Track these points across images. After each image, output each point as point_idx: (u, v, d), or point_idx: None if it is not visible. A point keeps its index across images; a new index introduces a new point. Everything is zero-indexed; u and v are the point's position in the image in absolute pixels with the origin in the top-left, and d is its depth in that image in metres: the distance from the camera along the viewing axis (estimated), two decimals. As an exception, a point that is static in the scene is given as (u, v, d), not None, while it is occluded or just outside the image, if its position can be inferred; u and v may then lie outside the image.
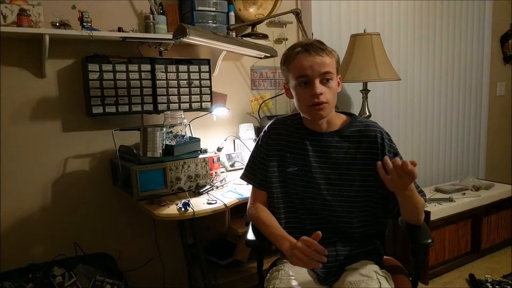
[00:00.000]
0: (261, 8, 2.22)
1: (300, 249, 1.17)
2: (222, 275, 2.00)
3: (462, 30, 3.26)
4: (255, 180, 1.46)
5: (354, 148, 1.33)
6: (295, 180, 1.36)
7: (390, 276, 1.30)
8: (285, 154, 1.39)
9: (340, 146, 1.34)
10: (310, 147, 1.36)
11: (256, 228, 1.43)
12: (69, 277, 1.78)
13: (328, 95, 1.27)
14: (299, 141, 1.38)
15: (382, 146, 1.30)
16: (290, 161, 1.38)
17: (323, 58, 1.26)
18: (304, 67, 1.27)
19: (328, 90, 1.28)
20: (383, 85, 2.84)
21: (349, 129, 1.35)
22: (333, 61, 1.29)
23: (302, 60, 1.27)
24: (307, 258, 1.16)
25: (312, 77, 1.26)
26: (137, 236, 2.16)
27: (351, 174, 1.32)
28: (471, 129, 3.46)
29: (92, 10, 1.85)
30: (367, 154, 1.31)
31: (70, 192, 1.97)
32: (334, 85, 1.29)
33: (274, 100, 2.53)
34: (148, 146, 1.78)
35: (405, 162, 1.11)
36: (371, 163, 1.27)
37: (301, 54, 1.28)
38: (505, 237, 2.90)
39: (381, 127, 1.36)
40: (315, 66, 1.25)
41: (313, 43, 1.29)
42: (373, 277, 1.22)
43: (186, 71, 2.05)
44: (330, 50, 1.29)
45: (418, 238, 1.30)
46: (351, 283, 1.21)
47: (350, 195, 1.32)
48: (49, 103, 1.89)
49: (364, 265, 1.28)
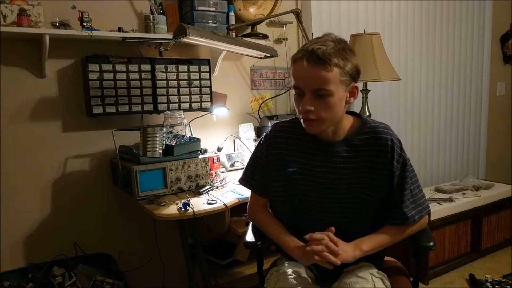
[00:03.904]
0: (261, 8, 2.22)
1: (317, 241, 1.15)
2: (222, 275, 2.01)
3: (462, 30, 3.26)
4: (254, 185, 1.40)
5: (364, 157, 1.23)
6: (300, 189, 1.30)
7: (386, 277, 1.29)
8: (287, 164, 1.31)
9: (349, 156, 1.24)
10: (316, 157, 1.26)
11: (255, 230, 1.42)
12: (69, 277, 1.79)
13: (323, 113, 1.14)
14: (303, 150, 1.29)
15: (391, 155, 1.22)
16: (293, 170, 1.30)
17: (318, 72, 1.10)
18: (297, 78, 1.15)
19: (324, 106, 1.13)
20: (383, 85, 2.84)
21: (358, 136, 1.24)
22: (336, 74, 1.11)
23: (297, 70, 1.14)
24: (325, 250, 1.13)
25: (304, 90, 1.14)
26: (137, 236, 2.16)
27: (358, 182, 1.25)
28: (471, 129, 3.46)
29: (92, 10, 1.85)
30: (376, 164, 1.23)
31: (70, 192, 1.97)
32: (333, 101, 1.13)
33: (274, 100, 2.53)
34: (148, 146, 1.78)
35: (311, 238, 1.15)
36: (380, 172, 1.23)
37: (298, 61, 1.14)
38: (505, 237, 2.90)
39: (393, 133, 1.25)
40: (307, 80, 1.12)
41: (314, 51, 1.10)
42: (368, 279, 1.21)
43: (186, 71, 2.05)
44: (333, 60, 1.09)
45: (420, 241, 1.29)
46: (346, 283, 1.21)
47: (357, 202, 1.26)
48: (49, 103, 1.89)
49: (361, 267, 1.27)
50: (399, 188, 1.24)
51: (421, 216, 1.27)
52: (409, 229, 1.27)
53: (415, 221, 1.25)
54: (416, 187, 1.28)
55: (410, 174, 1.26)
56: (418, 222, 1.28)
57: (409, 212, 1.24)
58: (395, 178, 1.23)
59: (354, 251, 1.19)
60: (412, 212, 1.25)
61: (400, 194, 1.24)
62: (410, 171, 1.26)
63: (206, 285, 1.82)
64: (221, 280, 1.97)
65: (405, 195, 1.24)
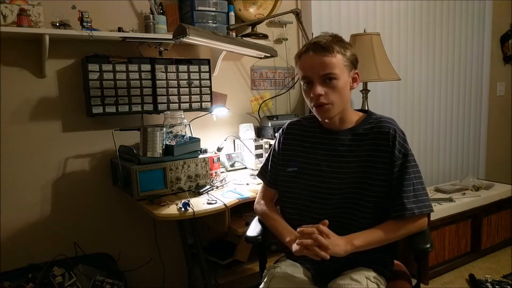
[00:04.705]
0: (261, 8, 2.22)
1: (307, 234, 1.16)
2: (222, 275, 2.01)
3: (462, 30, 3.26)
4: (266, 178, 1.50)
5: (367, 145, 1.29)
6: (305, 179, 1.35)
7: (384, 283, 1.28)
8: (297, 154, 1.39)
9: (353, 144, 1.30)
10: (323, 145, 1.34)
11: (257, 226, 1.46)
12: (69, 277, 1.78)
13: (332, 96, 1.24)
14: (312, 140, 1.38)
15: (393, 144, 1.25)
16: (301, 160, 1.37)
17: (324, 58, 1.22)
18: (305, 68, 1.26)
19: (332, 90, 1.24)
20: (383, 85, 2.84)
21: (363, 126, 1.32)
22: (340, 59, 1.24)
23: (304, 61, 1.27)
24: (313, 244, 1.14)
25: (312, 78, 1.25)
26: (137, 236, 2.16)
27: (362, 172, 1.28)
28: (471, 129, 3.46)
29: (92, 10, 1.85)
30: (378, 152, 1.27)
31: (70, 192, 1.97)
32: (340, 84, 1.24)
33: (274, 100, 2.53)
34: (148, 146, 1.78)
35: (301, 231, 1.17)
36: (381, 161, 1.26)
37: (304, 54, 1.27)
38: (505, 237, 2.90)
39: (396, 124, 1.31)
40: (315, 67, 1.24)
41: (317, 42, 1.24)
42: (363, 282, 1.21)
43: (186, 71, 2.05)
44: (335, 48, 1.23)
45: (417, 243, 1.28)
46: (339, 284, 1.21)
47: (359, 192, 1.28)
48: (49, 103, 1.89)
49: (359, 271, 1.26)
50: (400, 178, 1.25)
51: (422, 212, 1.25)
52: (406, 226, 1.25)
53: (414, 214, 1.23)
54: (419, 183, 1.27)
55: (412, 168, 1.27)
56: (416, 222, 1.26)
57: (409, 204, 1.23)
58: (396, 168, 1.25)
59: (345, 245, 1.19)
60: (412, 205, 1.23)
61: (400, 184, 1.24)
62: (412, 165, 1.27)
63: (206, 285, 1.82)
64: (221, 280, 1.97)
65: (405, 186, 1.24)
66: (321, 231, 1.16)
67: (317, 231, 1.16)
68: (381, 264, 1.32)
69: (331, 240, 1.16)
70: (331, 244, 1.15)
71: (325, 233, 1.16)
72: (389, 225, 1.25)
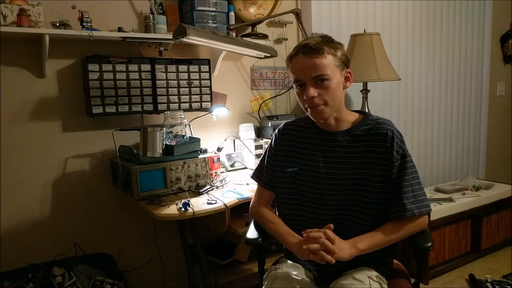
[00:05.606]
0: (261, 8, 2.22)
1: (313, 239, 1.17)
2: (222, 275, 2.01)
3: (462, 30, 3.26)
4: (262, 180, 1.47)
5: (365, 147, 1.29)
6: (303, 180, 1.35)
7: (386, 282, 1.29)
8: (294, 155, 1.38)
9: (351, 145, 1.30)
10: (320, 146, 1.34)
11: (257, 227, 1.44)
12: (69, 277, 1.78)
13: (326, 97, 1.24)
14: (309, 141, 1.37)
15: (391, 145, 1.26)
16: (298, 161, 1.37)
17: (314, 60, 1.22)
18: (297, 71, 1.26)
19: (325, 91, 1.23)
20: (383, 85, 2.84)
21: (360, 127, 1.31)
22: (330, 60, 1.23)
23: (295, 64, 1.26)
24: (320, 249, 1.15)
25: (305, 80, 1.24)
26: (137, 236, 2.16)
27: (361, 173, 1.28)
28: (471, 129, 3.46)
29: (92, 10, 1.85)
30: (376, 153, 1.27)
31: (70, 192, 1.97)
32: (333, 84, 1.24)
33: (274, 100, 2.53)
34: (148, 146, 1.78)
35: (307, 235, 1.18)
36: (380, 162, 1.26)
37: (295, 57, 1.26)
38: (505, 237, 2.90)
39: (394, 126, 1.31)
40: (306, 70, 1.23)
41: (306, 44, 1.24)
42: (365, 281, 1.21)
43: (186, 71, 2.05)
44: (325, 49, 1.22)
45: (418, 242, 1.28)
46: (342, 284, 1.21)
47: (358, 193, 1.28)
48: (49, 103, 1.89)
49: (361, 271, 1.26)
50: (399, 179, 1.25)
51: (421, 212, 1.26)
52: (407, 226, 1.26)
53: (414, 215, 1.24)
54: (417, 183, 1.28)
55: (410, 169, 1.27)
56: (417, 221, 1.27)
57: (409, 204, 1.24)
58: (395, 169, 1.25)
59: (350, 249, 1.19)
60: (412, 206, 1.24)
61: (400, 185, 1.25)
62: (410, 166, 1.27)
63: (206, 285, 1.82)
64: (221, 280, 1.97)
65: (405, 187, 1.25)
66: (327, 236, 1.16)
67: (324, 236, 1.16)
68: (382, 264, 1.32)
69: (336, 245, 1.17)
70: (337, 248, 1.15)
71: (331, 238, 1.17)
72: (391, 227, 1.26)
